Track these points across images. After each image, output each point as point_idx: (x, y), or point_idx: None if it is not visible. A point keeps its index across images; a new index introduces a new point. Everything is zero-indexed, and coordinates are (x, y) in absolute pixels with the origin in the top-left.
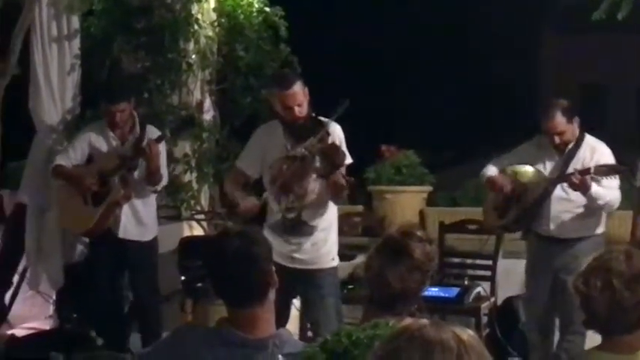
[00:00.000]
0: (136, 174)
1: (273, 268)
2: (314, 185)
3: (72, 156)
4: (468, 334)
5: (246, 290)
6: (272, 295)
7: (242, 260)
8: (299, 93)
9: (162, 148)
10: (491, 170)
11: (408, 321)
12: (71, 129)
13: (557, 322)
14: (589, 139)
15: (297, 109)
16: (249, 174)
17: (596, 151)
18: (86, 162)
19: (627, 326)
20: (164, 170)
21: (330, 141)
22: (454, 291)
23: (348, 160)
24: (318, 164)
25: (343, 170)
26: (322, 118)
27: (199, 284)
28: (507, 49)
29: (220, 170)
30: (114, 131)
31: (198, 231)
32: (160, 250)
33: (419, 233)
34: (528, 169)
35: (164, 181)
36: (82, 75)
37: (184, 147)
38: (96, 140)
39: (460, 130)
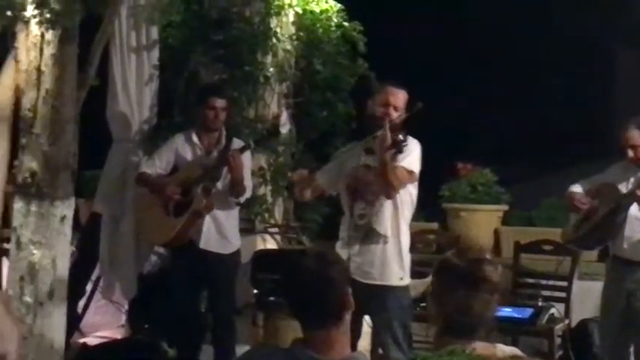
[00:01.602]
0: (219, 185)
1: (350, 290)
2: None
3: (157, 164)
4: None
5: (321, 312)
6: (347, 316)
7: (318, 282)
8: (402, 98)
9: (247, 159)
10: (576, 188)
11: (479, 345)
12: (147, 139)
13: (632, 348)
14: None
15: (392, 110)
16: (325, 188)
17: None
18: (170, 171)
19: None
20: (248, 182)
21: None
22: (527, 312)
23: (411, 166)
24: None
25: (401, 174)
26: (407, 137)
27: (272, 298)
28: (582, 62)
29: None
30: (204, 136)
31: (271, 244)
32: None
33: (487, 256)
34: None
35: (248, 193)
36: (159, 86)
37: (260, 160)
38: (182, 148)
39: (535, 146)
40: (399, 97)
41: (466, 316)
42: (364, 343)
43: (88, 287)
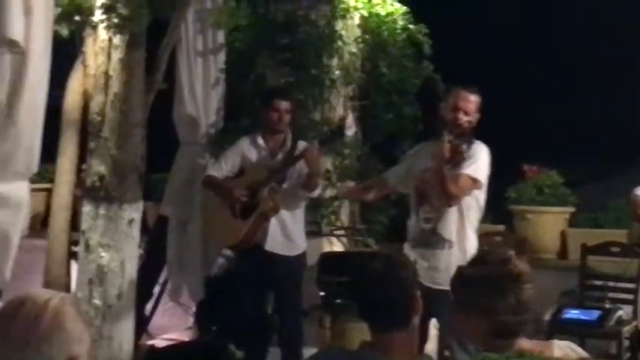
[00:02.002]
0: (284, 186)
1: (419, 293)
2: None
3: (224, 167)
4: None
5: (390, 315)
6: (416, 320)
7: (388, 284)
8: (474, 102)
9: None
10: None
11: (525, 342)
12: (214, 142)
13: None
14: None
15: (462, 113)
16: (394, 188)
17: None
18: (238, 173)
19: None
20: (318, 181)
21: (465, 150)
22: (595, 314)
23: (476, 173)
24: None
25: (466, 182)
26: (472, 139)
27: (338, 300)
28: None
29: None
30: (269, 138)
31: (337, 247)
32: None
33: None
34: None
35: (319, 189)
36: (225, 89)
37: (326, 162)
38: (248, 151)
39: (602, 147)
40: (470, 101)
41: (516, 316)
42: (431, 346)
43: (156, 290)
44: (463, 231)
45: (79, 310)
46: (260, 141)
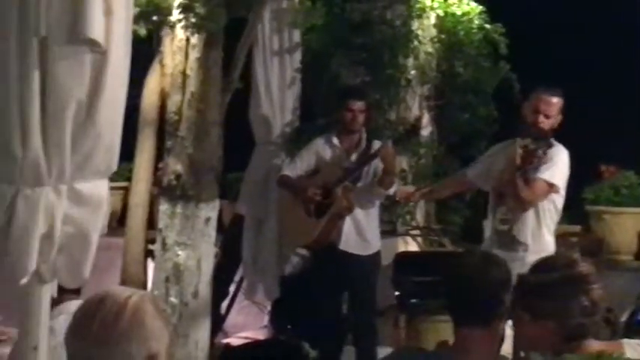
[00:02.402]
0: (359, 185)
1: (509, 300)
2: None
3: (299, 166)
4: None
5: (476, 311)
6: (501, 324)
7: (479, 281)
8: (555, 105)
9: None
10: None
11: (594, 343)
12: (289, 142)
13: None
14: None
15: (542, 116)
16: (475, 183)
17: None
18: (313, 172)
19: None
20: (394, 181)
21: (541, 154)
22: None
23: (551, 178)
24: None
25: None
26: (552, 141)
27: (413, 300)
28: None
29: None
30: (343, 138)
31: (413, 246)
32: None
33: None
34: None
35: (395, 187)
36: (301, 89)
37: (401, 162)
38: (322, 150)
39: None
40: (552, 103)
41: (589, 317)
42: (506, 346)
43: (232, 288)
44: (539, 233)
45: (159, 308)
46: (335, 140)
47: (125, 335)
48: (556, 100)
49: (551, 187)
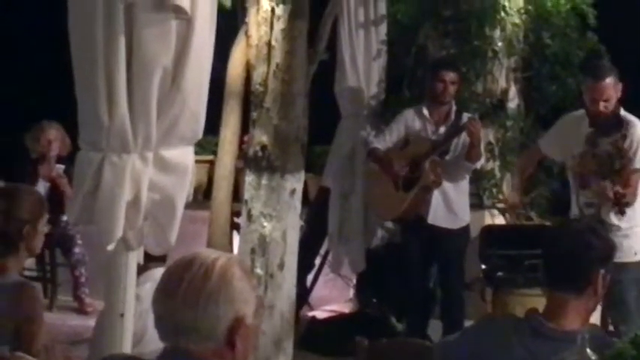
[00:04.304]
0: (447, 158)
1: (602, 274)
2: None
3: (387, 139)
4: None
5: (572, 277)
6: (593, 294)
7: (582, 247)
8: (609, 88)
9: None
10: None
11: None
12: (376, 115)
13: None
14: None
15: (602, 104)
16: (547, 154)
17: None
18: (400, 146)
19: None
20: (481, 153)
21: (626, 144)
22: None
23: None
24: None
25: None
26: (626, 116)
27: (500, 273)
28: None
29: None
30: (432, 110)
31: (499, 220)
32: None
33: None
34: None
35: (482, 161)
36: (387, 61)
37: (488, 135)
38: (412, 122)
39: None
40: (603, 87)
41: None
42: (593, 318)
43: (317, 261)
44: (634, 214)
45: (246, 271)
46: (425, 112)
47: (213, 297)
48: (607, 81)
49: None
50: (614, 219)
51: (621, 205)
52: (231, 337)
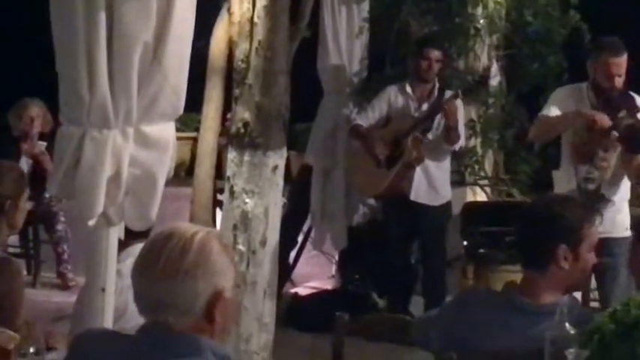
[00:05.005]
0: (429, 135)
1: (564, 249)
2: (614, 158)
3: (370, 115)
4: None
5: (529, 251)
6: (554, 270)
7: (541, 213)
8: (625, 63)
9: (459, 107)
10: None
11: None
12: (358, 92)
13: None
14: None
15: (617, 79)
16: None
17: None
18: (382, 123)
19: None
20: (461, 129)
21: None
22: None
23: None
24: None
25: None
26: (633, 94)
27: (481, 250)
28: None
29: (504, 136)
30: (416, 87)
31: (481, 197)
32: None
33: None
34: None
35: (462, 141)
36: (369, 39)
37: (470, 112)
38: (395, 99)
39: None
40: (622, 62)
41: None
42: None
43: (300, 238)
44: (623, 186)
45: (224, 245)
46: (408, 89)
47: (191, 271)
48: (624, 57)
49: None
50: (611, 192)
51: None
52: (211, 311)
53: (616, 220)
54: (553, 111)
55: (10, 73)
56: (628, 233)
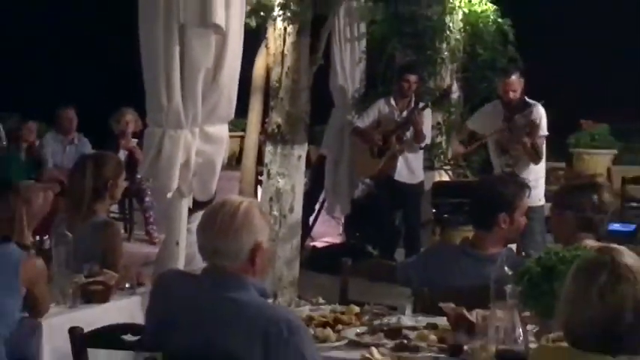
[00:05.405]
0: (408, 134)
1: (503, 216)
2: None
3: (366, 120)
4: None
5: (477, 217)
6: (497, 231)
7: (487, 190)
8: (515, 82)
9: (428, 116)
10: None
11: (589, 241)
12: (358, 103)
13: None
14: None
15: (511, 93)
16: (473, 129)
17: None
18: (375, 126)
19: None
20: (427, 132)
21: (532, 118)
22: (632, 227)
23: (543, 132)
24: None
25: (541, 142)
26: (529, 101)
27: (445, 215)
28: None
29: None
30: (398, 101)
31: (445, 177)
32: None
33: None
34: None
35: (427, 140)
36: (366, 66)
37: (437, 117)
38: (383, 109)
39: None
40: (512, 82)
41: (599, 214)
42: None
43: (317, 207)
44: (536, 169)
45: (262, 211)
46: (392, 102)
47: (239, 229)
48: (514, 78)
49: (545, 137)
50: (525, 174)
51: (535, 155)
52: (253, 257)
53: (532, 194)
54: (473, 121)
55: (112, 88)
56: (541, 203)
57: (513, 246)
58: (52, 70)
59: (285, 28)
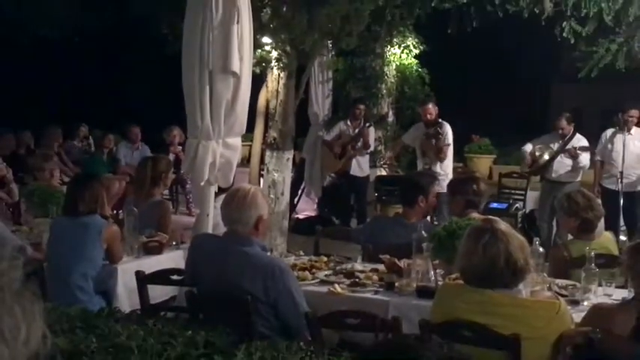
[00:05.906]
0: (359, 144)
1: (421, 198)
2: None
3: (331, 135)
4: (506, 226)
5: (403, 198)
6: (417, 208)
7: (411, 181)
8: (431, 108)
9: (371, 132)
10: (527, 147)
11: (476, 214)
12: (327, 123)
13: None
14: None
15: (428, 116)
16: (408, 144)
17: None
18: (337, 138)
19: None
20: (372, 143)
21: (441, 131)
22: (505, 205)
23: (448, 142)
24: (434, 143)
25: (446, 148)
26: (441, 121)
27: (384, 197)
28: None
29: (395, 146)
30: (352, 122)
31: (383, 172)
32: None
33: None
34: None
35: (371, 148)
36: (332, 99)
37: (378, 134)
38: (343, 127)
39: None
40: (429, 108)
41: (477, 197)
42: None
43: (299, 192)
44: (447, 167)
45: (263, 194)
46: (349, 123)
47: (248, 205)
48: (430, 106)
49: (450, 145)
50: (438, 169)
51: (441, 156)
52: (257, 225)
53: (442, 183)
54: (406, 137)
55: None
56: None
57: (428, 218)
58: (124, 97)
59: (279, 74)
